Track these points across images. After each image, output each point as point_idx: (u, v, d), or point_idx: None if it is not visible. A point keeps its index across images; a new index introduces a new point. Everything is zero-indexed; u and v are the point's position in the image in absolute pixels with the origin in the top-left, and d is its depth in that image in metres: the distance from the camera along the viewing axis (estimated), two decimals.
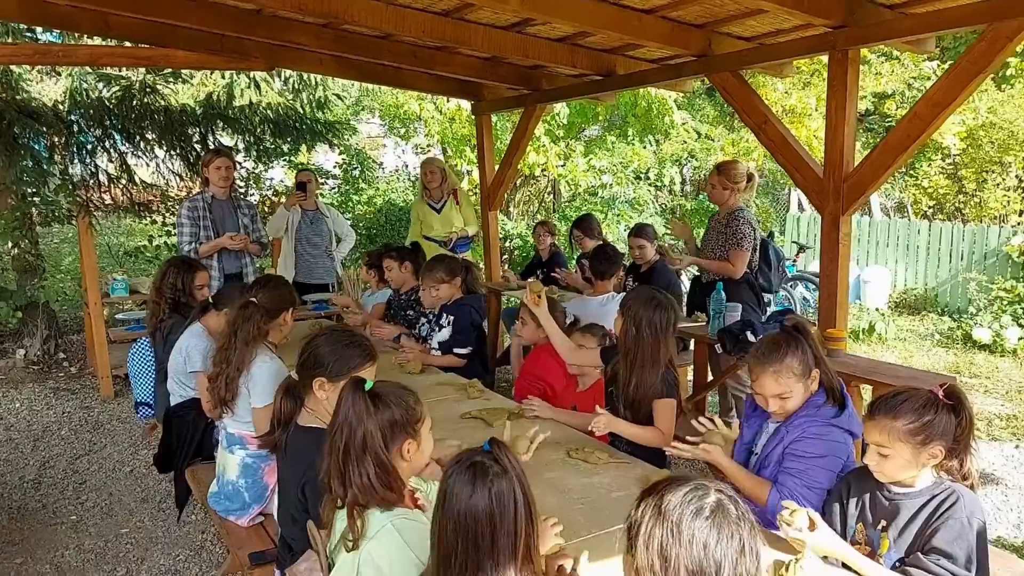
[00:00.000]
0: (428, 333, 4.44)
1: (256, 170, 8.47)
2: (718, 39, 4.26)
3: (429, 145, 11.60)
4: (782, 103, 9.05)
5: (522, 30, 4.64)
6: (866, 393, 3.78)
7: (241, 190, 7.93)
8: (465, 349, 4.20)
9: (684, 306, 5.09)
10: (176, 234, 5.12)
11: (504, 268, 7.46)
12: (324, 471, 1.82)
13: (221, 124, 7.18)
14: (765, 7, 3.51)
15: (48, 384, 6.37)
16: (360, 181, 11.70)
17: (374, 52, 5.20)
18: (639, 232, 5.34)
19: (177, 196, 7.35)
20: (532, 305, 3.41)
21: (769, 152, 4.25)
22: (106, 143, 6.68)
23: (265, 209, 7.85)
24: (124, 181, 6.88)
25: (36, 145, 6.15)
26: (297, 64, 5.96)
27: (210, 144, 7.00)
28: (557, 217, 10.98)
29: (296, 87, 8.07)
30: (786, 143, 4.01)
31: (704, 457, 2.42)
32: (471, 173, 9.93)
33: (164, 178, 7.41)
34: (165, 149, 6.98)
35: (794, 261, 8.98)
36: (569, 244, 6.56)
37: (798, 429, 2.31)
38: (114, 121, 6.53)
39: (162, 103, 6.77)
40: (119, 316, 6.91)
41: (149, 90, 6.68)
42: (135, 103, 6.57)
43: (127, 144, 6.83)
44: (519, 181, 11.64)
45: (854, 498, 2.09)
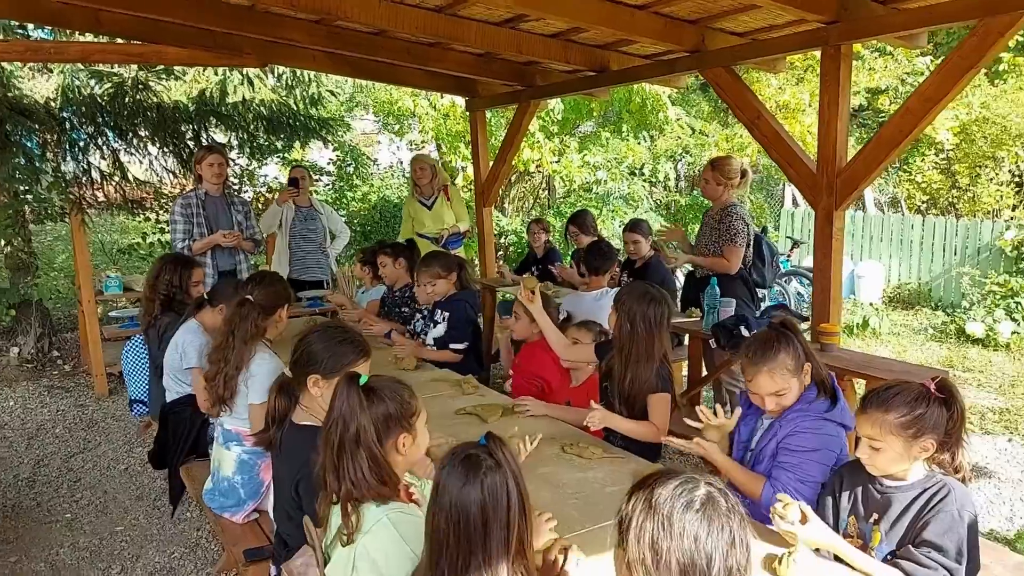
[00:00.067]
0: (423, 329, 4.44)
1: (250, 167, 8.45)
2: (711, 35, 4.27)
3: (424, 142, 11.58)
4: (776, 99, 9.06)
5: (515, 26, 4.63)
6: (859, 387, 3.80)
7: (235, 187, 7.91)
8: (461, 344, 4.20)
9: (678, 301, 5.09)
10: (169, 231, 5.11)
11: (499, 264, 7.46)
12: (319, 466, 1.83)
13: (214, 121, 7.15)
14: (758, 2, 3.52)
15: (42, 382, 6.35)
16: (354, 178, 11.67)
17: (368, 48, 5.19)
18: (634, 227, 5.35)
19: (170, 193, 7.33)
20: (526, 301, 3.42)
21: (762, 147, 4.26)
22: (99, 140, 6.64)
23: (259, 206, 7.82)
24: (117, 178, 6.84)
25: (28, 142, 6.11)
26: (290, 60, 5.94)
27: (203, 141, 6.97)
28: (552, 213, 10.97)
29: (289, 83, 8.04)
30: (779, 138, 4.01)
31: (698, 452, 2.43)
32: (465, 169, 9.92)
33: (157, 175, 7.38)
34: (158, 146, 6.94)
35: (788, 256, 9.00)
36: (565, 240, 6.56)
37: (791, 424, 2.32)
38: (106, 118, 6.49)
39: (155, 100, 6.73)
40: (113, 314, 6.91)
41: (141, 87, 6.65)
42: (127, 100, 6.54)
43: (120, 141, 6.79)
44: (514, 177, 11.65)
45: (846, 491, 2.10)
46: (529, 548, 1.54)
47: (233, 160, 7.72)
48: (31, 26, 6.32)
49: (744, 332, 3.81)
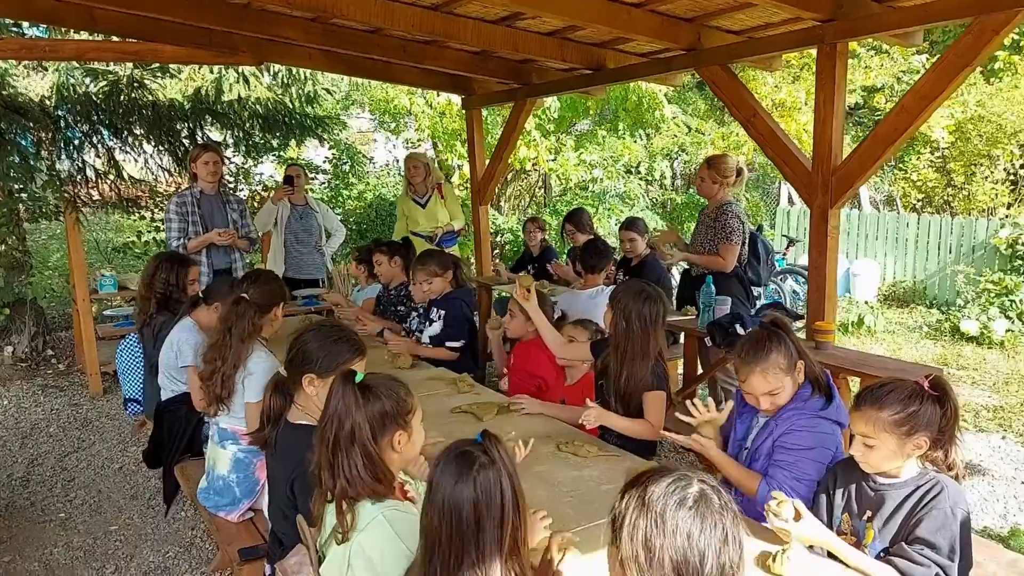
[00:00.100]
0: (418, 327, 4.43)
1: (245, 165, 8.42)
2: (707, 33, 4.27)
3: (420, 140, 11.57)
4: (772, 97, 9.07)
5: (512, 24, 4.63)
6: (854, 385, 3.81)
7: (230, 185, 7.89)
8: (457, 343, 4.19)
9: (674, 299, 5.10)
10: (164, 230, 5.09)
11: (495, 262, 7.46)
12: (314, 463, 1.82)
13: (210, 119, 7.12)
14: (754, 0, 3.52)
15: (36, 381, 6.34)
16: (350, 176, 11.66)
17: (363, 46, 5.18)
18: (630, 225, 5.35)
19: (166, 192, 7.30)
20: (521, 299, 3.42)
21: (758, 146, 4.26)
22: (93, 138, 6.62)
23: (255, 204, 7.80)
24: (112, 177, 6.81)
25: (23, 141, 6.09)
26: (286, 58, 5.92)
27: (199, 139, 6.96)
28: (548, 211, 10.98)
29: (285, 82, 8.01)
30: (775, 136, 4.02)
31: (696, 448, 2.43)
32: (462, 167, 9.91)
33: (152, 173, 7.34)
34: (153, 144, 6.92)
35: (784, 255, 9.02)
36: (561, 238, 6.56)
37: (787, 422, 2.33)
38: (101, 116, 6.47)
39: (150, 98, 6.71)
40: (107, 312, 6.90)
41: (137, 85, 6.62)
42: (122, 98, 6.51)
43: (115, 139, 6.76)
44: (510, 175, 11.63)
45: (840, 489, 2.11)
46: (524, 546, 1.54)
47: (229, 158, 7.69)
48: (26, 24, 6.30)
49: (739, 330, 3.81)
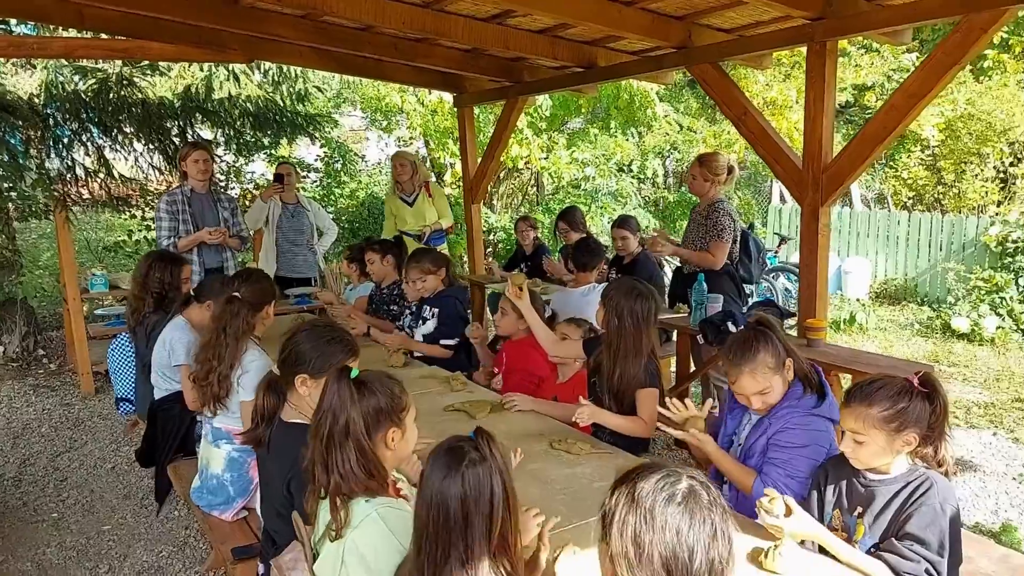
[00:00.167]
0: (409, 326, 4.43)
1: (236, 164, 8.40)
2: (698, 31, 4.28)
3: (412, 138, 11.55)
4: (763, 95, 9.09)
5: (503, 22, 4.63)
6: (846, 382, 3.83)
7: (221, 184, 7.86)
8: (452, 340, 4.20)
9: (666, 297, 5.11)
10: (155, 228, 5.07)
11: (488, 261, 7.46)
12: (308, 459, 1.82)
13: (200, 117, 7.09)
14: None
15: (28, 381, 6.30)
16: (342, 174, 11.63)
17: (354, 44, 5.16)
18: (622, 223, 5.36)
19: (156, 190, 7.27)
20: (514, 297, 3.42)
21: (749, 144, 4.28)
22: (83, 137, 6.57)
23: (246, 203, 7.78)
24: (102, 175, 6.77)
25: (11, 139, 6.05)
26: (276, 56, 5.90)
27: (189, 137, 6.93)
28: (540, 210, 10.98)
29: (276, 80, 7.98)
30: (765, 134, 4.03)
31: (693, 443, 2.44)
32: (454, 166, 9.90)
33: (143, 172, 7.31)
34: (143, 143, 6.88)
35: (776, 252, 9.04)
36: (554, 237, 6.56)
37: (781, 420, 2.34)
38: (91, 114, 6.43)
39: (139, 96, 6.67)
40: (99, 312, 6.86)
41: (126, 83, 6.58)
42: (112, 96, 6.47)
43: (104, 137, 6.72)
44: (502, 174, 11.63)
45: (831, 485, 2.12)
46: (514, 543, 1.54)
47: (220, 157, 7.67)
48: (13, 21, 6.26)
49: (731, 328, 3.83)
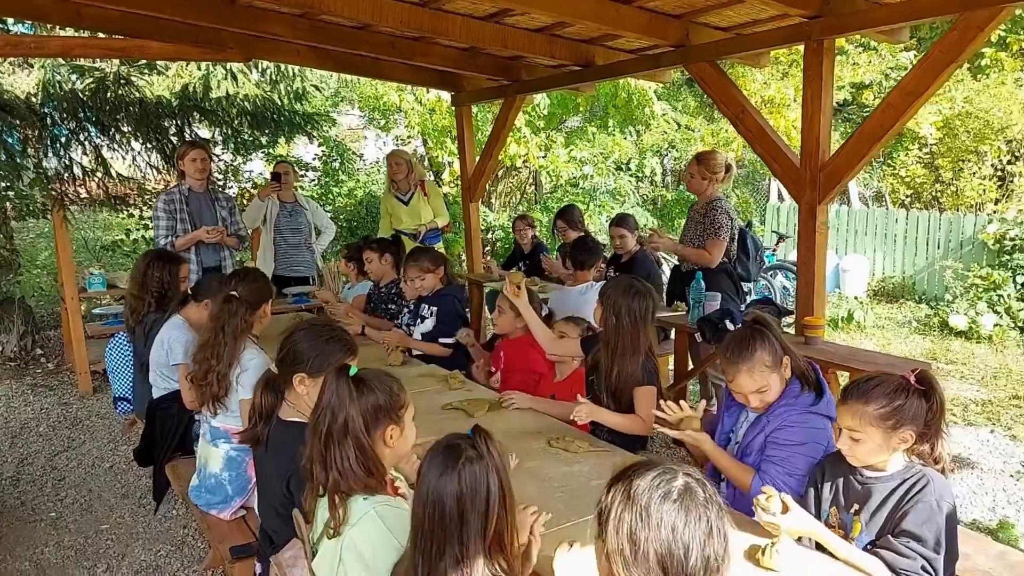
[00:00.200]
0: (408, 323, 4.43)
1: (234, 163, 8.39)
2: (695, 29, 4.28)
3: (410, 137, 11.55)
4: (761, 94, 9.09)
5: (500, 20, 4.63)
6: (843, 380, 3.83)
7: (219, 183, 7.85)
8: (451, 339, 4.19)
9: (664, 295, 5.12)
10: (152, 227, 5.07)
11: (486, 259, 7.46)
12: (306, 456, 1.83)
13: (198, 116, 7.09)
14: None
15: (25, 380, 6.30)
16: (340, 173, 11.62)
17: (351, 43, 5.16)
18: (620, 222, 5.36)
19: (154, 189, 7.26)
20: (512, 296, 3.42)
21: (747, 142, 4.28)
22: (81, 136, 6.57)
23: (244, 202, 7.78)
24: (100, 174, 6.77)
25: (9, 138, 6.04)
26: (274, 55, 5.90)
27: (187, 136, 6.92)
28: (539, 208, 10.98)
29: (273, 78, 7.98)
30: (763, 133, 4.04)
31: (690, 441, 2.44)
32: (452, 164, 9.90)
33: (141, 171, 7.31)
34: (141, 142, 6.88)
35: (774, 251, 9.05)
36: (552, 235, 6.56)
37: (779, 418, 2.34)
38: (88, 113, 6.43)
39: (137, 95, 6.67)
40: (96, 311, 6.85)
41: (124, 82, 6.58)
42: (109, 95, 6.47)
43: (102, 137, 6.72)
44: (500, 172, 11.63)
45: (828, 482, 2.12)
46: (511, 541, 1.54)
47: (217, 156, 7.66)
48: (11, 20, 6.24)
49: (729, 326, 3.83)
